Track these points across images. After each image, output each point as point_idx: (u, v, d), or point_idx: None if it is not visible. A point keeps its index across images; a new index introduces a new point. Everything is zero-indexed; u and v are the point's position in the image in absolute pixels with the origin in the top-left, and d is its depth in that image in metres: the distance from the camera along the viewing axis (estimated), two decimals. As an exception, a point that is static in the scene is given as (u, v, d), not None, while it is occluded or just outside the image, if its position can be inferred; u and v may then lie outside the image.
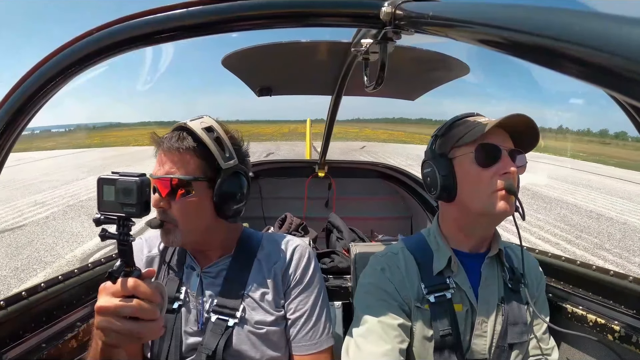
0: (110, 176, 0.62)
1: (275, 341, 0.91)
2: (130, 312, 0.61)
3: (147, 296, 0.62)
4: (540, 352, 0.93)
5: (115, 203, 0.61)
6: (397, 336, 0.84)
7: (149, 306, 0.62)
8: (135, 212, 0.61)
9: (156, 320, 0.64)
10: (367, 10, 0.58)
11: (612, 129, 62.32)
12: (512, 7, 0.34)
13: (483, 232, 0.93)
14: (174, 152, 0.87)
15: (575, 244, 5.80)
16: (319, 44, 1.49)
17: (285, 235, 1.04)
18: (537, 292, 0.98)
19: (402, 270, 0.92)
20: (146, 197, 0.62)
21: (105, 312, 0.61)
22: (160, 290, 0.65)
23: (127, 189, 0.60)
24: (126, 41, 0.60)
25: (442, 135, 0.93)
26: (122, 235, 0.61)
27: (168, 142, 0.88)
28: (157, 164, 0.89)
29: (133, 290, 0.62)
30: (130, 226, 0.62)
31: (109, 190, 0.61)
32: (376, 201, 2.72)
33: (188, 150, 0.87)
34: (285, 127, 53.54)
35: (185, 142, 0.87)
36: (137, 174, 0.62)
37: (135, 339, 0.63)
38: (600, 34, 0.24)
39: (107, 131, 62.79)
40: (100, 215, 0.61)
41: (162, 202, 0.86)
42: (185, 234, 0.87)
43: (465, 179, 0.87)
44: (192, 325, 0.90)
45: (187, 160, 0.87)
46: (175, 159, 0.87)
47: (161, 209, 0.87)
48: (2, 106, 0.62)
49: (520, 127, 0.86)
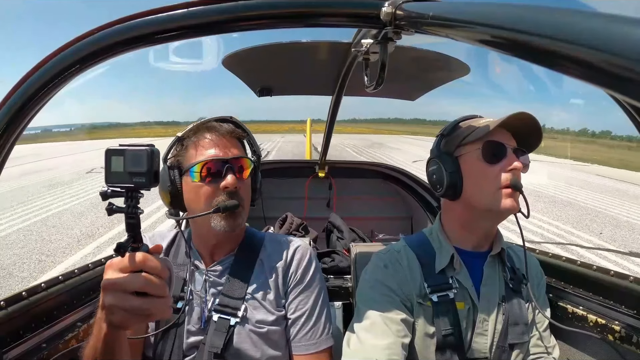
0: (119, 147, 0.59)
1: (275, 340, 0.91)
2: (138, 287, 0.58)
3: (155, 271, 0.59)
4: (541, 351, 0.93)
5: (124, 173, 0.58)
6: (400, 331, 0.84)
7: (158, 280, 0.59)
8: (145, 182, 0.58)
9: (165, 297, 0.60)
10: (368, 11, 0.58)
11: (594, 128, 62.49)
12: (512, 7, 0.34)
13: (486, 229, 0.93)
14: (234, 138, 0.94)
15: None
16: (319, 44, 1.50)
17: (287, 236, 1.04)
18: (537, 291, 0.98)
19: (404, 267, 0.92)
20: (156, 167, 0.59)
21: (113, 288, 0.58)
22: (168, 266, 0.62)
23: (137, 157, 0.58)
24: (127, 41, 0.60)
25: (447, 134, 0.95)
26: (131, 208, 0.58)
27: (225, 128, 0.94)
28: (213, 147, 0.90)
29: (141, 264, 0.58)
30: (139, 198, 0.59)
31: (118, 161, 0.58)
32: (376, 201, 2.71)
33: (242, 139, 0.98)
34: (285, 127, 55.00)
35: (239, 130, 0.97)
36: (146, 144, 0.60)
37: (143, 317, 0.60)
38: (600, 34, 0.24)
39: (108, 130, 63.79)
40: (108, 188, 0.58)
41: (238, 183, 0.88)
42: (246, 214, 0.93)
43: (471, 176, 0.88)
44: (195, 323, 0.90)
45: (242, 147, 0.97)
46: (236, 143, 0.95)
47: (236, 189, 0.88)
48: (2, 106, 0.62)
49: (523, 128, 0.88)
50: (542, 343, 0.94)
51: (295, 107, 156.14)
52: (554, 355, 0.94)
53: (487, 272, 0.92)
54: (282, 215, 2.18)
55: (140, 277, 0.58)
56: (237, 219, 0.88)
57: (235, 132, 0.94)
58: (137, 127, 65.43)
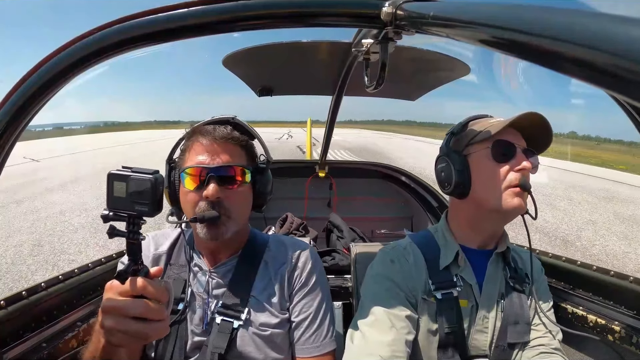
0: (122, 172, 0.58)
1: (278, 343, 0.91)
2: (138, 313, 0.59)
3: (155, 296, 0.60)
4: (543, 350, 0.93)
5: (127, 200, 0.57)
6: (404, 327, 0.84)
7: (157, 306, 0.61)
8: (148, 210, 0.57)
9: (163, 320, 0.62)
10: (368, 11, 0.58)
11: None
12: (512, 7, 0.34)
13: (493, 229, 0.94)
14: (229, 142, 0.88)
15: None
16: (319, 44, 1.49)
17: (292, 238, 1.03)
18: (539, 286, 0.98)
19: (410, 263, 0.93)
20: (159, 195, 0.59)
21: (112, 312, 0.60)
22: (167, 289, 0.64)
23: (140, 186, 0.57)
24: (127, 41, 0.60)
25: (457, 133, 0.95)
26: (132, 234, 0.59)
27: (221, 132, 0.88)
28: (203, 153, 0.87)
29: (141, 290, 0.60)
30: (141, 224, 0.60)
31: (120, 187, 0.57)
32: (376, 201, 2.72)
33: (240, 142, 0.91)
34: (285, 127, 56.46)
35: (238, 134, 0.91)
36: (151, 171, 0.59)
37: (141, 340, 0.62)
38: (600, 34, 0.24)
39: (117, 128, 65.91)
40: (110, 212, 0.58)
41: (220, 193, 0.83)
42: (237, 223, 0.88)
43: (480, 174, 0.88)
44: (197, 325, 0.90)
45: (240, 152, 0.91)
46: (230, 148, 0.89)
47: (217, 199, 0.84)
48: (2, 106, 0.62)
49: (533, 129, 0.88)
50: (546, 342, 0.94)
51: (295, 108, 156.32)
52: (556, 345, 0.94)
53: (490, 270, 0.92)
54: (283, 215, 2.18)
55: (140, 303, 0.60)
56: (218, 228, 0.85)
57: (231, 137, 0.89)
58: (143, 125, 66.98)
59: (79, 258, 4.51)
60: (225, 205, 0.85)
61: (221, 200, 0.84)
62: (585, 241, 5.74)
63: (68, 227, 5.81)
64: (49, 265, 4.31)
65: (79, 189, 8.85)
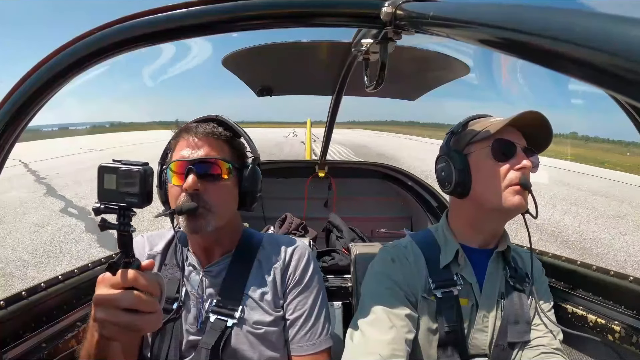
0: (112, 164, 0.59)
1: (273, 341, 0.91)
2: (129, 304, 0.60)
3: (146, 288, 0.61)
4: (543, 350, 0.93)
5: (117, 192, 0.58)
6: (404, 326, 0.84)
7: (148, 298, 0.61)
8: (137, 202, 0.58)
9: (155, 312, 0.62)
10: (368, 11, 0.58)
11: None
12: (512, 7, 0.34)
13: (494, 228, 0.94)
14: (210, 137, 0.89)
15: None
16: (319, 44, 1.49)
17: (286, 236, 1.03)
18: (539, 286, 0.98)
19: (411, 262, 0.93)
20: (149, 187, 0.60)
21: (104, 304, 0.60)
22: (159, 282, 0.64)
23: (129, 177, 0.58)
24: (127, 41, 0.59)
25: (457, 132, 0.95)
26: (123, 226, 0.59)
27: (203, 128, 0.89)
28: (185, 148, 0.88)
29: (133, 282, 0.60)
30: (131, 216, 0.60)
31: (110, 179, 0.58)
32: (376, 201, 2.71)
33: (224, 137, 0.91)
34: (290, 127, 57.31)
35: (221, 130, 0.91)
36: (140, 163, 0.60)
37: (133, 332, 0.62)
38: (600, 34, 0.24)
39: (122, 128, 66.78)
40: (100, 204, 0.59)
41: (199, 185, 0.84)
42: (219, 218, 0.87)
43: (480, 173, 0.88)
44: (191, 324, 0.90)
45: (222, 147, 0.91)
46: (212, 143, 0.89)
47: (195, 192, 0.84)
48: (2, 106, 0.62)
49: (532, 128, 0.88)
50: (547, 341, 0.94)
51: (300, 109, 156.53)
52: (557, 345, 0.94)
53: (491, 268, 0.93)
54: (282, 215, 2.18)
55: (131, 295, 0.60)
56: (197, 220, 0.84)
57: (212, 132, 0.89)
58: (147, 126, 67.49)
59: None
60: (205, 198, 0.85)
61: (200, 193, 0.85)
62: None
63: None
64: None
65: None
